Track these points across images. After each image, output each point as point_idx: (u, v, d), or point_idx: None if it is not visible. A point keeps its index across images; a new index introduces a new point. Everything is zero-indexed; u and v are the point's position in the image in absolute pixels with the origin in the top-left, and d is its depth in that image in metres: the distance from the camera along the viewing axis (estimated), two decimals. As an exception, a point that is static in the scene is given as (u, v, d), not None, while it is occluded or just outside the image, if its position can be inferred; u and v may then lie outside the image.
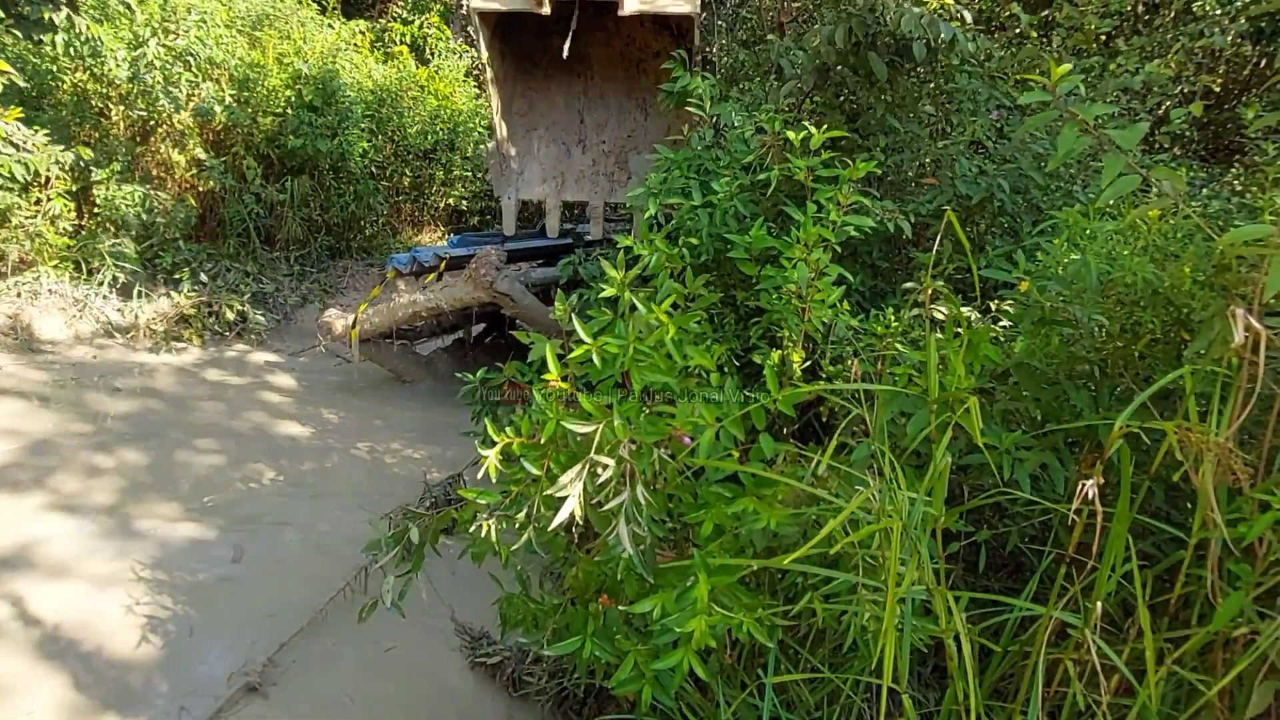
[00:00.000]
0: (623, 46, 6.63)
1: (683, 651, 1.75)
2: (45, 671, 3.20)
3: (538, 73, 6.68)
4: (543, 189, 6.33)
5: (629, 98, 6.69)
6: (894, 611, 1.43)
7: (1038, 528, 2.58)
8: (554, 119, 6.72)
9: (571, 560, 2.31)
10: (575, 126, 6.74)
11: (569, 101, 6.76)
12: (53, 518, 4.22)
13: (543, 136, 6.66)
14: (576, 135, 6.72)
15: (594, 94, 6.77)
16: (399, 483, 5.04)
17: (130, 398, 5.98)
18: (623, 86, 6.73)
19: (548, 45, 6.48)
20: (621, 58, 6.68)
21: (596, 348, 1.94)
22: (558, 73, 6.67)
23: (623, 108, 6.71)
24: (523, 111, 6.64)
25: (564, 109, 6.75)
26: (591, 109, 6.77)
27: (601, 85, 6.76)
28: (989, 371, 2.33)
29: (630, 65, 6.70)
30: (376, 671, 3.36)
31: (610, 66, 6.72)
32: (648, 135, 6.58)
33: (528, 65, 6.64)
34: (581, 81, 6.76)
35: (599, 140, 6.71)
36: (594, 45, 6.55)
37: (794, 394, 1.98)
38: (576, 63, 6.56)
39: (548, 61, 6.63)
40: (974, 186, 3.60)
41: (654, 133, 6.56)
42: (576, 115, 6.75)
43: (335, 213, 9.81)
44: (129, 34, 7.83)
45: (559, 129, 6.70)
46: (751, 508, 1.75)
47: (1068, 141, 1.88)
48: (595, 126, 6.74)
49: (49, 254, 7.31)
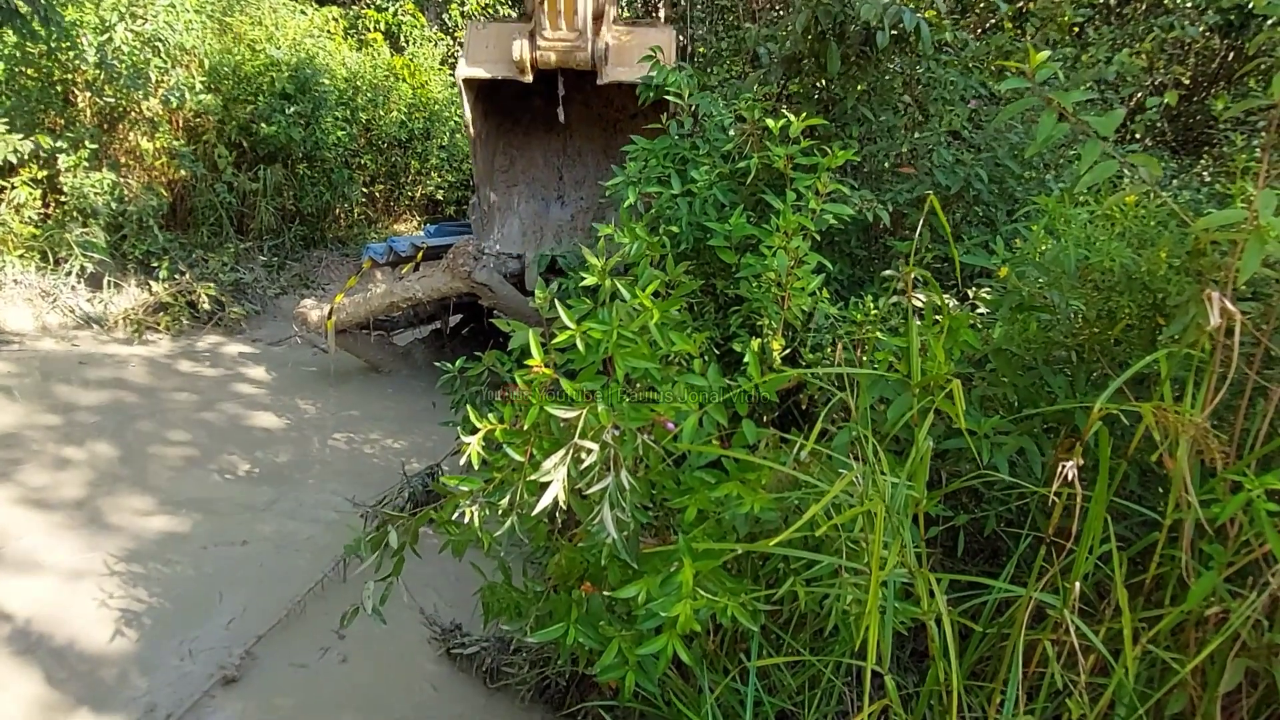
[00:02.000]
0: (601, 108, 6.87)
1: (667, 636, 1.75)
2: (16, 667, 3.14)
3: (518, 131, 6.94)
4: (523, 242, 6.52)
5: (606, 155, 6.90)
6: (877, 594, 1.44)
7: (1015, 511, 2.61)
8: (534, 175, 6.95)
9: (554, 548, 2.30)
10: (555, 183, 6.98)
11: (549, 159, 7.00)
12: (20, 512, 4.14)
13: (523, 192, 6.89)
14: (556, 191, 6.96)
15: (573, 152, 7.03)
16: (377, 473, 5.00)
17: (100, 389, 5.88)
18: (600, 145, 6.97)
19: (529, 105, 6.76)
20: (599, 119, 6.93)
21: (580, 333, 1.94)
22: (538, 131, 6.93)
23: (600, 165, 6.93)
24: (504, 168, 6.87)
25: (544, 166, 6.99)
26: (570, 166, 7.01)
27: (580, 144, 7.01)
28: (968, 357, 2.35)
29: (608, 125, 6.94)
30: (351, 664, 3.33)
31: (589, 126, 6.96)
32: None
33: (509, 124, 6.87)
34: (561, 140, 7.00)
35: (578, 196, 6.93)
36: (574, 106, 6.79)
37: (776, 379, 1.99)
38: (556, 122, 6.81)
39: (528, 121, 6.89)
40: (952, 176, 3.63)
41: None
42: (556, 172, 6.99)
43: (309, 202, 9.69)
44: (95, 18, 7.65)
45: (539, 185, 6.94)
46: (735, 493, 1.76)
47: (1047, 128, 1.89)
48: (574, 183, 6.98)
49: (14, 243, 7.15)
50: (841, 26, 3.90)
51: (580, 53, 5.49)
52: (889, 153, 4.25)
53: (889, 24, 3.69)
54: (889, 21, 3.68)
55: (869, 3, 3.67)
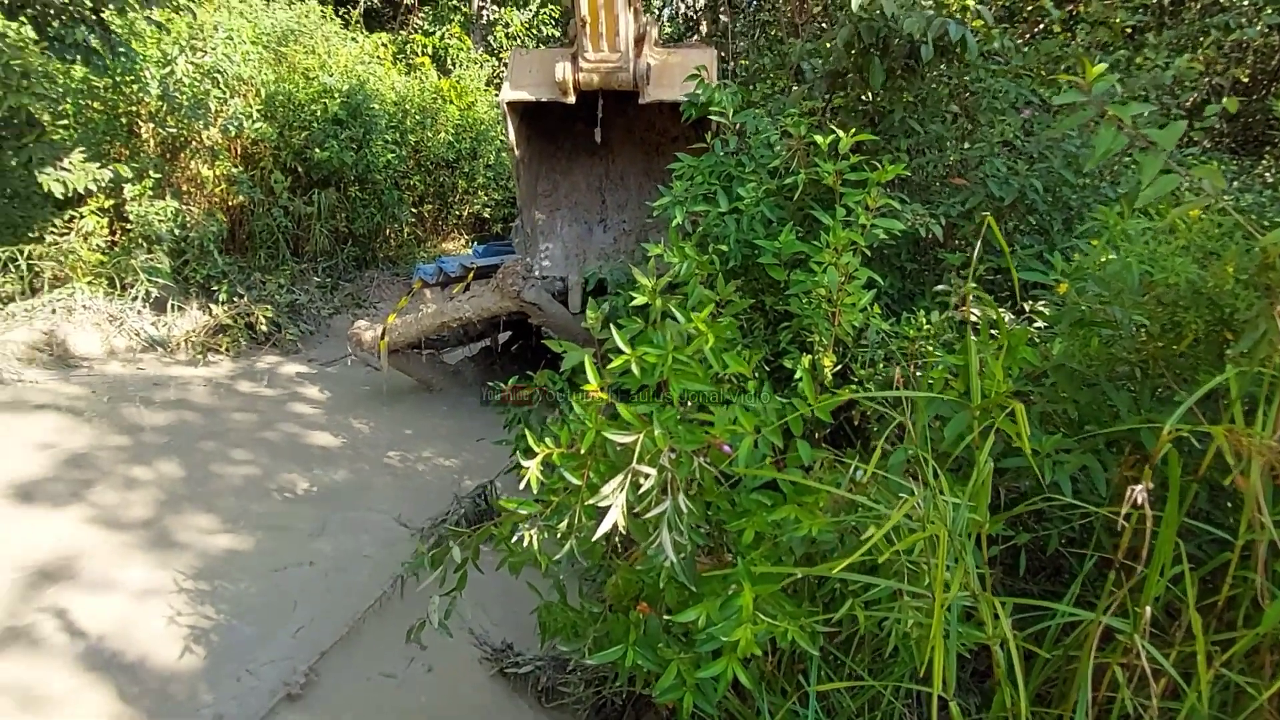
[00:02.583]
0: (642, 132, 6.95)
1: (726, 660, 1.75)
2: (90, 683, 3.26)
3: (561, 156, 7.03)
4: (566, 265, 6.59)
5: (648, 178, 6.95)
6: (941, 620, 1.43)
7: (1077, 530, 2.55)
8: (576, 200, 7.04)
9: (610, 569, 2.32)
10: (597, 207, 7.05)
11: (590, 183, 7.08)
12: (93, 531, 4.30)
13: (565, 216, 6.97)
14: (598, 215, 7.03)
15: (615, 176, 7.10)
16: (431, 491, 5.09)
17: (166, 410, 6.08)
18: (642, 168, 7.03)
19: (571, 130, 6.87)
20: (641, 141, 7.01)
21: (635, 357, 1.96)
22: (580, 156, 7.03)
23: (642, 188, 6.97)
24: (547, 192, 6.95)
25: (586, 190, 7.06)
26: (612, 190, 7.08)
27: (622, 167, 7.08)
28: (1025, 373, 2.32)
29: (649, 148, 7.00)
30: (409, 682, 3.39)
31: (630, 149, 7.04)
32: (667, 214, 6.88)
33: (552, 149, 6.97)
34: (603, 164, 7.08)
35: (620, 219, 7.00)
36: (615, 130, 6.91)
37: (832, 401, 1.98)
38: (598, 147, 6.93)
39: (571, 145, 6.99)
40: (1005, 187, 3.57)
41: None
42: (598, 196, 7.06)
43: (361, 223, 9.93)
44: (157, 52, 7.97)
45: (581, 209, 7.02)
46: (793, 515, 1.76)
47: (1105, 141, 1.86)
48: (616, 207, 7.05)
49: (83, 270, 7.45)
50: (884, 41, 3.88)
51: (622, 73, 5.56)
52: (938, 164, 4.20)
53: (933, 36, 3.66)
54: (933, 34, 3.65)
55: (912, 16, 3.65)
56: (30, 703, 3.12)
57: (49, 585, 3.81)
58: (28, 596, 3.72)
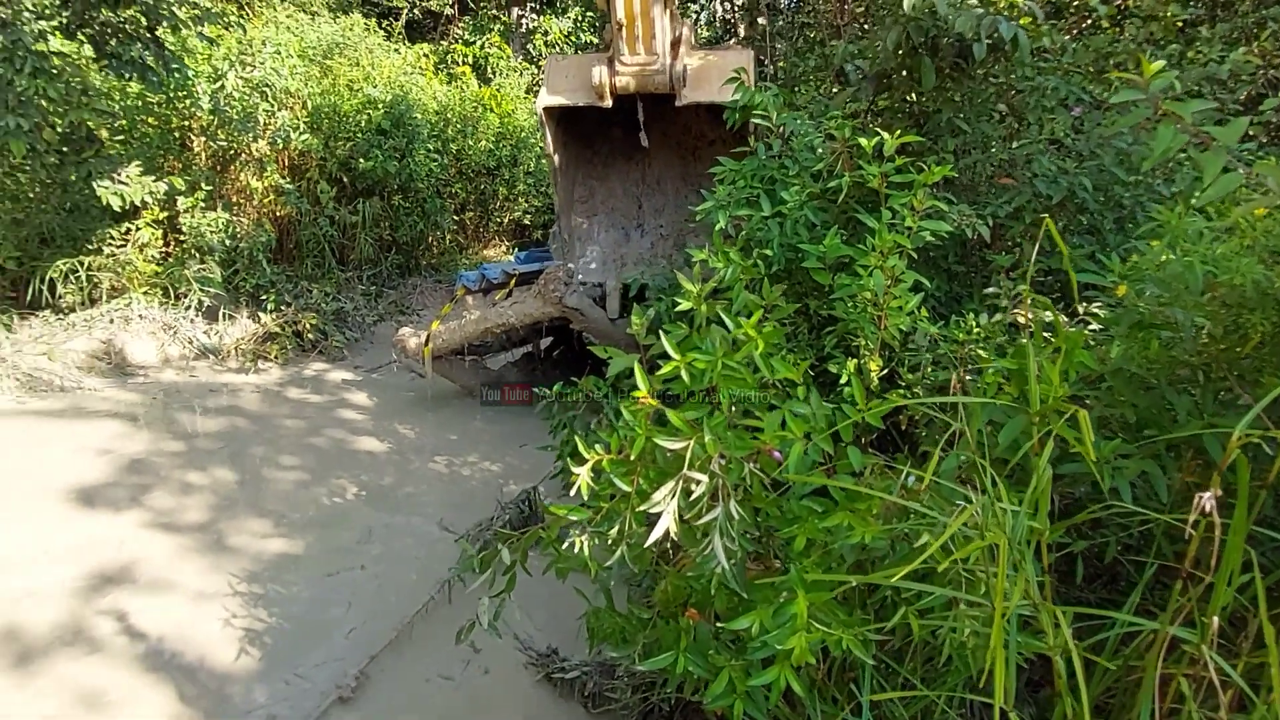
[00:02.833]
0: (679, 136, 6.93)
1: (779, 668, 1.74)
2: (150, 684, 3.35)
3: (597, 161, 7.04)
4: (603, 271, 6.58)
5: (685, 183, 6.93)
6: (1001, 630, 1.40)
7: (1136, 538, 2.49)
8: (613, 205, 7.03)
9: (659, 575, 2.32)
10: (634, 212, 7.03)
11: (627, 188, 7.07)
12: (151, 534, 4.42)
13: (602, 222, 6.97)
14: (635, 220, 7.01)
15: (651, 181, 7.07)
16: (476, 495, 5.14)
17: (218, 416, 6.23)
18: (679, 172, 7.01)
19: (608, 135, 6.88)
20: (678, 145, 6.98)
21: (685, 363, 1.96)
22: (617, 161, 7.03)
23: (679, 193, 6.95)
24: (583, 198, 6.96)
25: (622, 195, 7.05)
26: (649, 195, 7.05)
27: (659, 172, 7.05)
28: (1080, 377, 2.27)
29: (686, 153, 6.98)
30: (458, 686, 3.42)
31: (667, 154, 7.02)
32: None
33: (589, 154, 6.99)
34: (639, 169, 7.07)
35: (657, 224, 6.96)
36: (652, 134, 6.87)
37: (883, 406, 1.96)
38: (634, 151, 6.89)
39: (607, 151, 7.00)
40: (1054, 186, 3.51)
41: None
42: (635, 201, 7.04)
43: (404, 231, 10.08)
44: (208, 68, 8.19)
45: (618, 214, 7.00)
46: (846, 522, 1.74)
47: (1164, 140, 1.82)
48: (653, 211, 7.01)
49: (139, 281, 7.67)
50: (934, 41, 3.84)
51: (659, 76, 5.55)
52: (985, 164, 4.14)
53: (985, 35, 3.61)
54: (985, 32, 3.60)
55: (963, 15, 3.60)
56: (93, 702, 3.21)
57: (110, 587, 3.92)
58: (89, 598, 3.83)
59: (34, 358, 6.63)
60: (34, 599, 3.77)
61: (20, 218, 7.08)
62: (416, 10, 14.44)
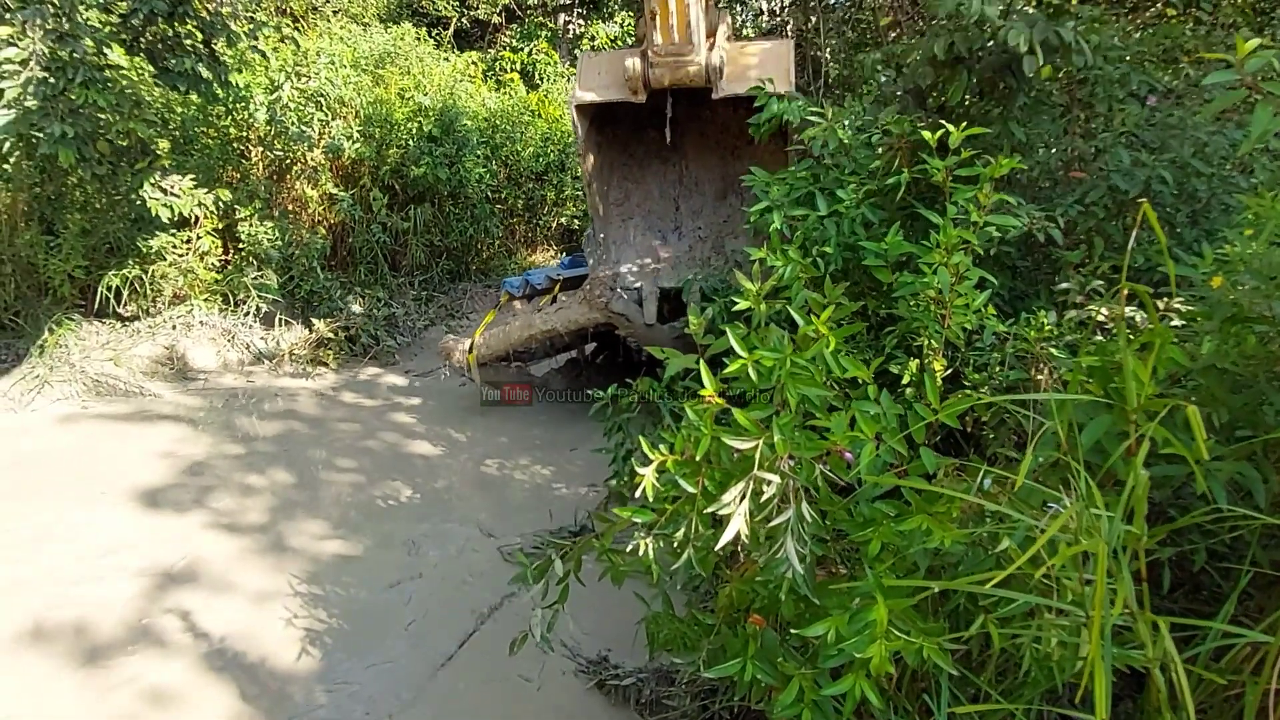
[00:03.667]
0: (717, 134, 6.72)
1: (853, 677, 1.67)
2: (214, 683, 3.39)
3: (633, 163, 6.85)
4: (640, 275, 6.33)
5: (724, 183, 6.73)
6: (1099, 641, 1.32)
7: (1226, 543, 2.36)
8: (649, 208, 6.81)
9: (721, 579, 2.26)
10: (671, 214, 6.81)
11: (664, 190, 6.85)
12: (213, 536, 4.49)
13: (638, 225, 6.75)
14: (673, 223, 6.78)
15: (689, 182, 6.85)
16: (529, 498, 5.16)
17: (276, 420, 6.34)
18: (717, 173, 6.79)
19: (642, 136, 6.68)
20: (716, 145, 6.77)
21: (752, 361, 1.90)
22: (652, 162, 6.83)
23: (718, 195, 6.75)
24: (619, 201, 6.77)
25: (659, 198, 6.84)
26: (687, 197, 6.83)
27: (696, 172, 6.83)
28: (1168, 375, 2.16)
29: (725, 152, 6.76)
30: (513, 693, 3.38)
31: (704, 154, 6.79)
32: (744, 220, 6.56)
33: (624, 157, 6.80)
34: (676, 171, 6.85)
35: (695, 227, 6.73)
36: (688, 134, 6.68)
37: (959, 405, 1.88)
38: (671, 152, 6.69)
39: (643, 152, 6.80)
40: (1130, 179, 3.36)
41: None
42: (672, 203, 6.83)
43: (454, 237, 10.17)
44: (265, 79, 8.37)
45: (654, 217, 6.79)
46: (924, 526, 1.67)
47: (1262, 122, 1.72)
48: (690, 214, 6.78)
49: (199, 288, 7.85)
50: (976, 53, 3.64)
51: (693, 66, 5.31)
52: (1046, 161, 3.99)
53: (1039, 44, 3.37)
54: (1039, 39, 3.37)
55: (1014, 26, 3.38)
56: (159, 700, 3.26)
57: (174, 586, 4.00)
58: (155, 597, 3.91)
59: (100, 363, 6.82)
60: (102, 597, 3.85)
61: (88, 227, 7.30)
62: (465, 19, 14.59)
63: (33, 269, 7.24)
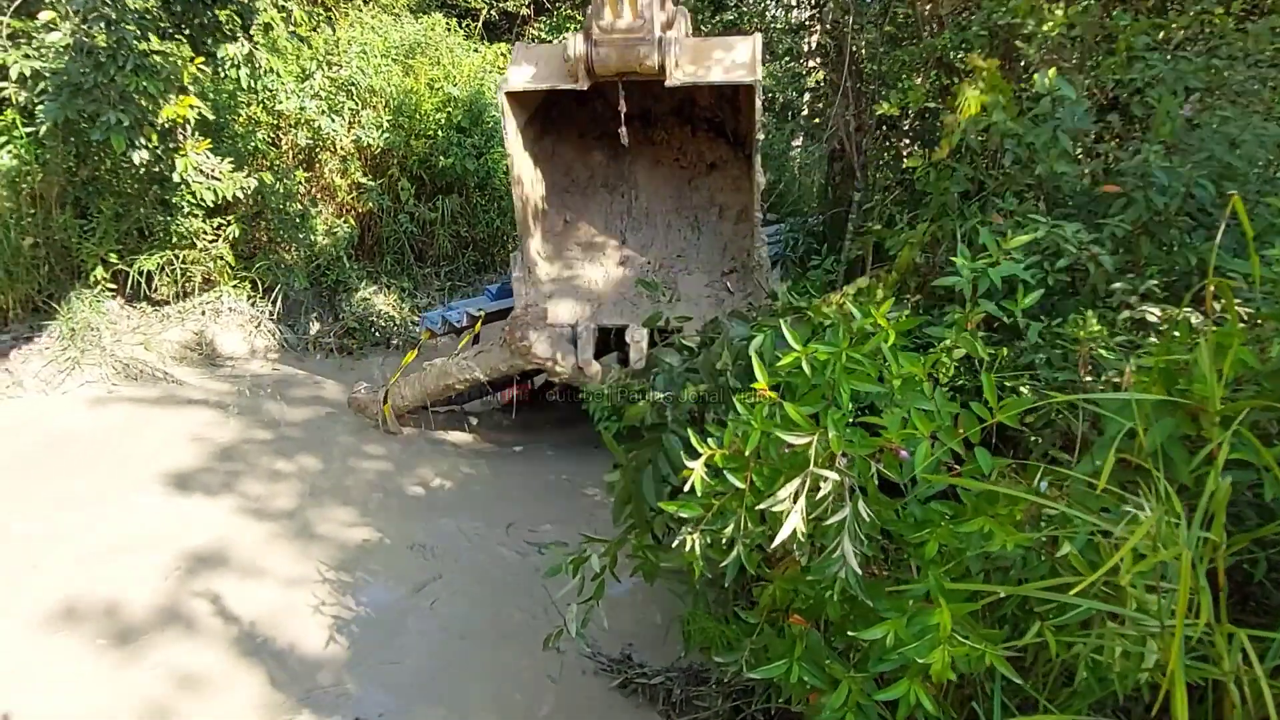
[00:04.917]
0: (671, 161, 6.20)
1: (908, 682, 1.62)
2: (244, 668, 3.40)
3: (576, 191, 6.25)
4: (575, 311, 5.59)
5: (679, 215, 6.14)
6: (1180, 653, 1.26)
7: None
8: (592, 239, 6.14)
9: (763, 577, 2.22)
10: (615, 247, 6.10)
11: (610, 222, 6.18)
12: (242, 520, 4.50)
13: (578, 256, 6.07)
14: (616, 256, 6.05)
15: (638, 214, 6.21)
16: (554, 488, 5.20)
17: (302, 406, 6.35)
18: (672, 204, 6.18)
19: (589, 161, 6.21)
20: (670, 175, 6.22)
21: (806, 355, 1.85)
22: (598, 191, 6.25)
23: (671, 225, 6.12)
24: (555, 229, 6.13)
25: (605, 230, 6.15)
26: (635, 229, 6.16)
27: (648, 203, 6.21)
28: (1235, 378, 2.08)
29: (681, 181, 6.21)
30: (534, 691, 3.35)
31: (658, 184, 6.23)
32: (700, 254, 5.95)
33: (565, 180, 6.23)
34: (625, 201, 6.23)
35: (643, 261, 6.02)
36: (639, 161, 6.14)
37: (1018, 404, 1.83)
38: (619, 181, 6.18)
39: (587, 178, 6.27)
40: (1170, 192, 3.24)
41: (707, 250, 5.95)
42: (619, 236, 6.13)
43: (481, 229, 10.14)
44: (297, 68, 8.38)
45: (596, 250, 6.08)
46: (985, 528, 1.61)
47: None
48: (639, 247, 6.09)
49: (228, 275, 7.89)
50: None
51: (644, 46, 4.53)
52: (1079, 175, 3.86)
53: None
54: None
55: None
56: (190, 684, 3.27)
57: (204, 570, 4.01)
58: (185, 581, 3.92)
59: (131, 347, 6.86)
60: (133, 581, 3.87)
61: (120, 212, 7.35)
62: (494, 11, 14.56)
63: (66, 252, 7.30)
